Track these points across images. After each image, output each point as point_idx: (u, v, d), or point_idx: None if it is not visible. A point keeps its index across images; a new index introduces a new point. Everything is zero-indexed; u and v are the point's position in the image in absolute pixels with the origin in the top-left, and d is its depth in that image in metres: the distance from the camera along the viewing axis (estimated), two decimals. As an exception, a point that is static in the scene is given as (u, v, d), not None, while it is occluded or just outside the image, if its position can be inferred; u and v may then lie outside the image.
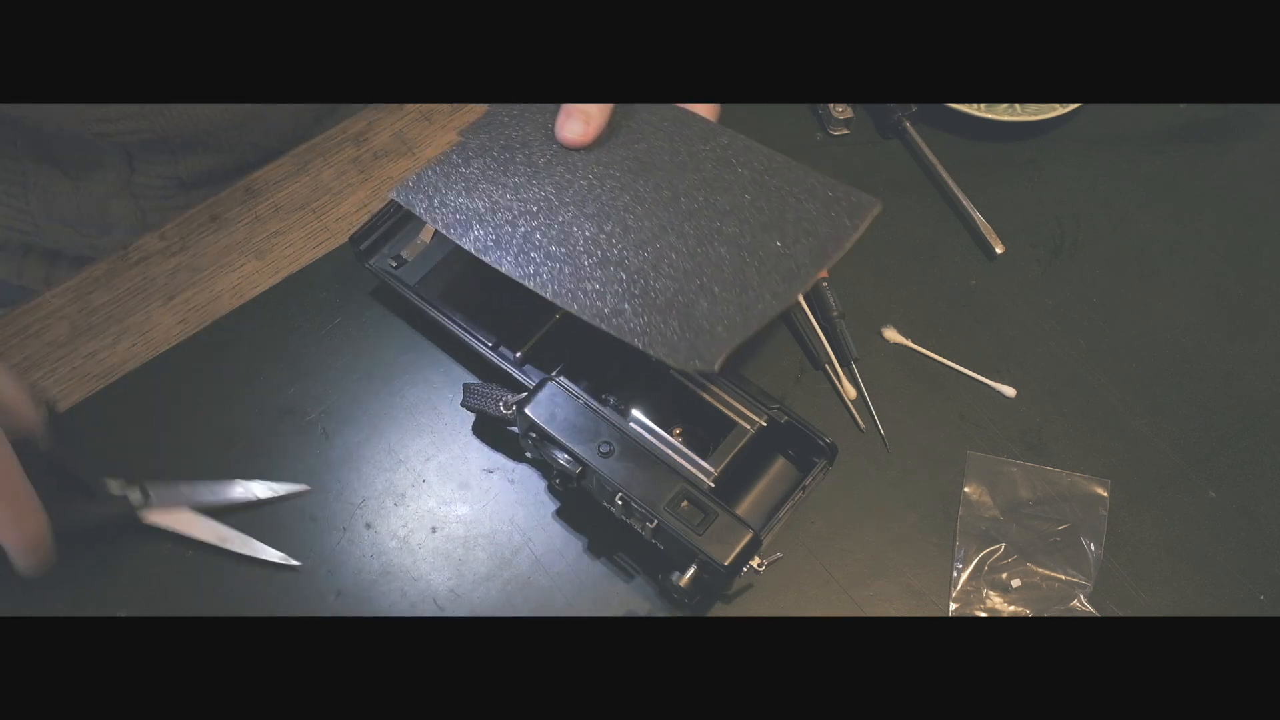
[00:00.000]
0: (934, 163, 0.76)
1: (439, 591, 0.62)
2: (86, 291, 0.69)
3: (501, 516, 0.64)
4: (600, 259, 0.57)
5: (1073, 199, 0.77)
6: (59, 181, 0.74)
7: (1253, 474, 0.69)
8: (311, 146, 0.74)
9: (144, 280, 0.70)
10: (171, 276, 0.70)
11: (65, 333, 0.68)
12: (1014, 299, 0.74)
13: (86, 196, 0.74)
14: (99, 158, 0.74)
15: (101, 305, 0.69)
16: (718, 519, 0.56)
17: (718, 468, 0.59)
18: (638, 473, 0.57)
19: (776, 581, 0.63)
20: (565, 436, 0.58)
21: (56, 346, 0.67)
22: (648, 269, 0.57)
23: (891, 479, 0.67)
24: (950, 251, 0.75)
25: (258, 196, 0.73)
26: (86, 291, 0.69)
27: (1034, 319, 0.73)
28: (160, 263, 0.70)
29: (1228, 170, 0.79)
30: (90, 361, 0.67)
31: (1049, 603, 0.64)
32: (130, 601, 0.61)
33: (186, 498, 0.62)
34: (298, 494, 0.63)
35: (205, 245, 0.71)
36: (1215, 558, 0.66)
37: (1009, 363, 0.71)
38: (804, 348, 0.70)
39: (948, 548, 0.65)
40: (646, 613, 0.62)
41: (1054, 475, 0.68)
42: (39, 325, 0.68)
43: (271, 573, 0.62)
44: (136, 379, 0.66)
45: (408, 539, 0.64)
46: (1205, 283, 0.75)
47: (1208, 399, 0.71)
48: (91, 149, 0.73)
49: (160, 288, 0.70)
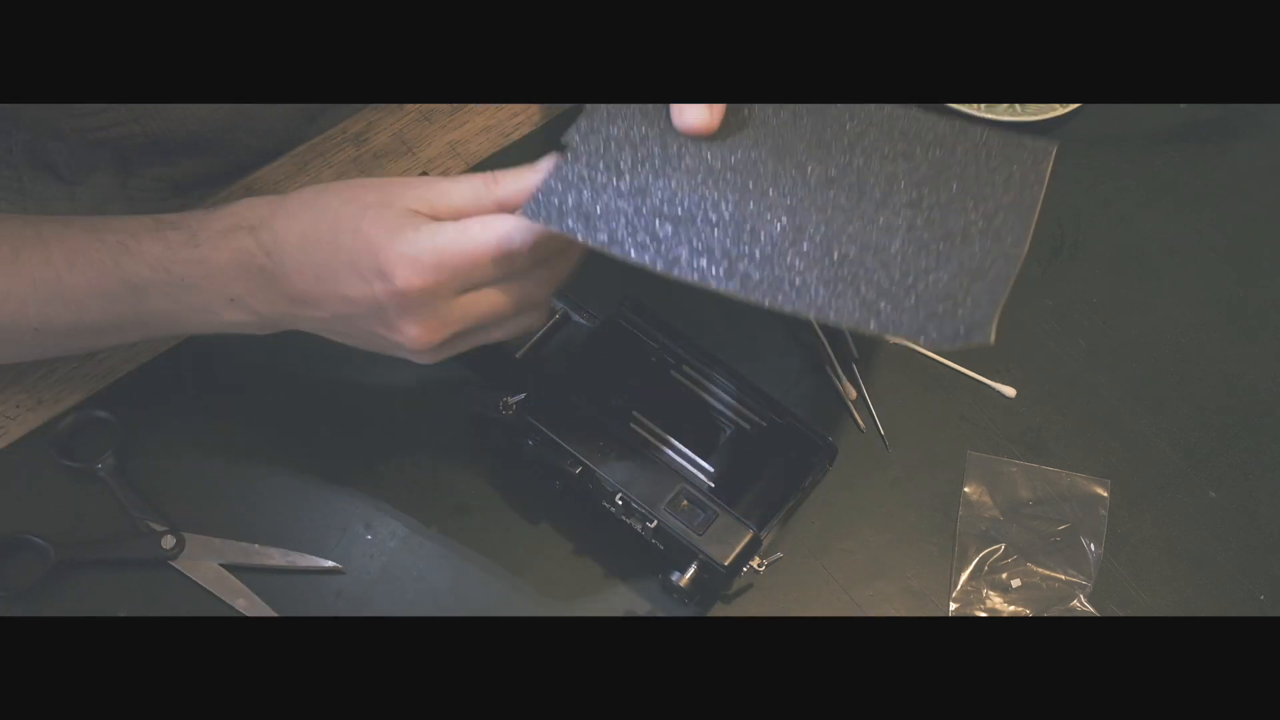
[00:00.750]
0: (934, 163, 0.76)
1: (439, 591, 0.62)
2: (86, 291, 0.69)
3: (501, 517, 0.64)
4: (804, 250, 0.54)
5: (1073, 199, 0.77)
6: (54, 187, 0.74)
7: (1253, 474, 0.69)
8: (311, 146, 0.74)
9: (144, 280, 0.70)
10: (171, 276, 0.70)
11: (65, 333, 0.68)
12: (1014, 299, 0.73)
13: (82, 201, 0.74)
14: (94, 162, 0.74)
15: (101, 305, 0.69)
16: (718, 519, 0.56)
17: (718, 468, 0.59)
18: (638, 473, 0.57)
19: (776, 581, 0.63)
20: (565, 437, 0.58)
21: (56, 346, 0.67)
22: (860, 252, 0.54)
23: (891, 479, 0.67)
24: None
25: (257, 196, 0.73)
26: (86, 291, 0.69)
27: (1034, 319, 0.73)
28: (160, 263, 0.70)
29: (1228, 170, 0.79)
30: (90, 361, 0.67)
31: (1049, 603, 0.64)
32: (130, 601, 0.61)
33: (219, 553, 0.62)
34: (329, 570, 0.63)
35: (205, 245, 0.71)
36: (1215, 558, 0.66)
37: (1009, 363, 0.71)
38: (804, 348, 0.70)
39: (948, 548, 0.65)
40: (646, 613, 0.62)
41: (1054, 475, 0.68)
42: (39, 325, 0.68)
43: (271, 573, 0.62)
44: (137, 379, 0.66)
45: (407, 539, 0.64)
46: (1205, 283, 0.75)
47: (1208, 399, 0.71)
48: (86, 154, 0.73)
49: (160, 288, 0.70)
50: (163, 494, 0.63)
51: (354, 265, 0.50)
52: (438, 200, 0.51)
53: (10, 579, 0.60)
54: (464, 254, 0.49)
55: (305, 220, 0.52)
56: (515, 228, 0.49)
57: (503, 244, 0.49)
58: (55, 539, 0.61)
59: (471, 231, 0.49)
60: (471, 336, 0.54)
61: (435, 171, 0.73)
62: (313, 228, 0.52)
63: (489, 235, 0.49)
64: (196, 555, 0.62)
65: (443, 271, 0.49)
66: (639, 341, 0.62)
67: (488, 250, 0.49)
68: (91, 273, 0.54)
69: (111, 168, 0.74)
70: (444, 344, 0.53)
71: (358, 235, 0.50)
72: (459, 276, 0.50)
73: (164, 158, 0.75)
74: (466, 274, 0.50)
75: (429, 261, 0.49)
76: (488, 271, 0.50)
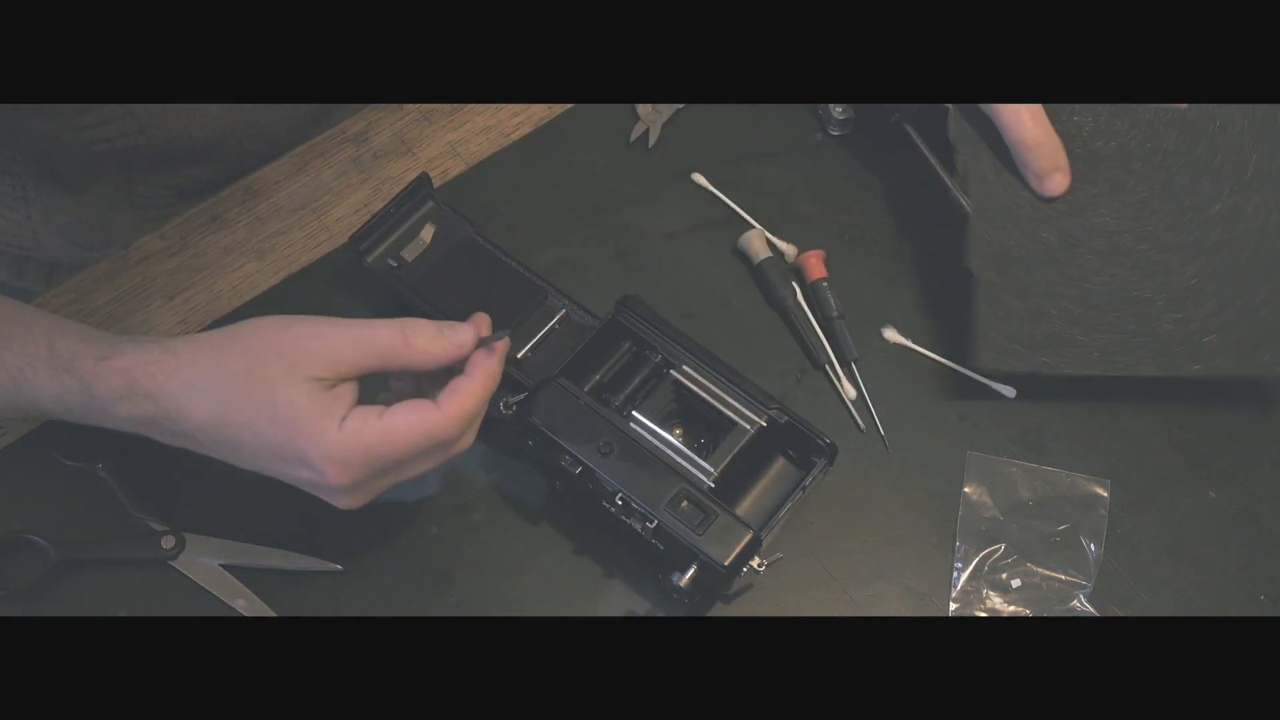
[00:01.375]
0: (934, 163, 0.76)
1: (439, 591, 0.62)
2: (87, 292, 0.69)
3: (501, 516, 0.64)
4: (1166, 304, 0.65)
5: (1073, 199, 0.77)
6: (59, 196, 0.74)
7: (1253, 474, 0.69)
8: (311, 146, 0.74)
9: (144, 280, 0.70)
10: (171, 276, 0.70)
11: (65, 333, 0.68)
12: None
13: (87, 209, 0.74)
14: (99, 171, 0.74)
15: (102, 305, 0.69)
16: (718, 519, 0.56)
17: (718, 468, 0.59)
18: (638, 473, 0.57)
19: (776, 581, 0.63)
20: (565, 437, 0.58)
21: (56, 346, 0.67)
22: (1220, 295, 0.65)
23: (891, 479, 0.67)
24: (950, 252, 0.74)
25: (258, 196, 0.73)
26: (87, 292, 0.69)
27: (1034, 319, 0.73)
28: (160, 263, 0.70)
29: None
30: (90, 361, 0.67)
31: (1049, 603, 0.64)
32: (130, 601, 0.61)
33: (219, 552, 0.62)
34: (329, 571, 0.63)
35: (205, 245, 0.71)
36: (1215, 558, 0.66)
37: (1009, 363, 0.71)
38: (804, 348, 0.70)
39: (948, 548, 0.65)
40: (646, 613, 0.62)
41: (1054, 475, 0.68)
42: (39, 325, 0.68)
43: (271, 573, 0.62)
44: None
45: (407, 539, 0.64)
46: (1205, 283, 0.75)
47: (1208, 399, 0.71)
48: (91, 163, 0.73)
49: (160, 288, 0.70)
50: (163, 494, 0.63)
51: (278, 454, 0.51)
52: (344, 361, 0.51)
53: (10, 579, 0.60)
54: (395, 450, 0.51)
55: (210, 397, 0.51)
56: (445, 418, 0.51)
57: (432, 434, 0.51)
58: (55, 539, 0.61)
59: (401, 428, 0.51)
60: (405, 477, 0.55)
61: (435, 172, 0.73)
62: (221, 409, 0.51)
63: (418, 429, 0.51)
64: (196, 555, 0.62)
65: (371, 466, 0.51)
66: (639, 341, 0.62)
67: (419, 442, 0.51)
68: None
69: (116, 176, 0.75)
70: (371, 498, 0.54)
71: (275, 425, 0.50)
72: (388, 466, 0.52)
73: (169, 165, 0.75)
74: (396, 463, 0.52)
75: (358, 461, 0.51)
76: (421, 453, 0.52)
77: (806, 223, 0.74)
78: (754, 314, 0.71)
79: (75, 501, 0.63)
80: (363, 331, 0.52)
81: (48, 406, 0.54)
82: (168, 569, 0.62)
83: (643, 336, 0.62)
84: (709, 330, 0.69)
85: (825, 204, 0.75)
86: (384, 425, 0.50)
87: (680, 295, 0.71)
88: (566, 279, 0.69)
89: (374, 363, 0.52)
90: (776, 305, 0.71)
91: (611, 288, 0.68)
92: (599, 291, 0.69)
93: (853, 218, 0.75)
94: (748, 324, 0.71)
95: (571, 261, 0.71)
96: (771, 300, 0.71)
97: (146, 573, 0.62)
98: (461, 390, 0.52)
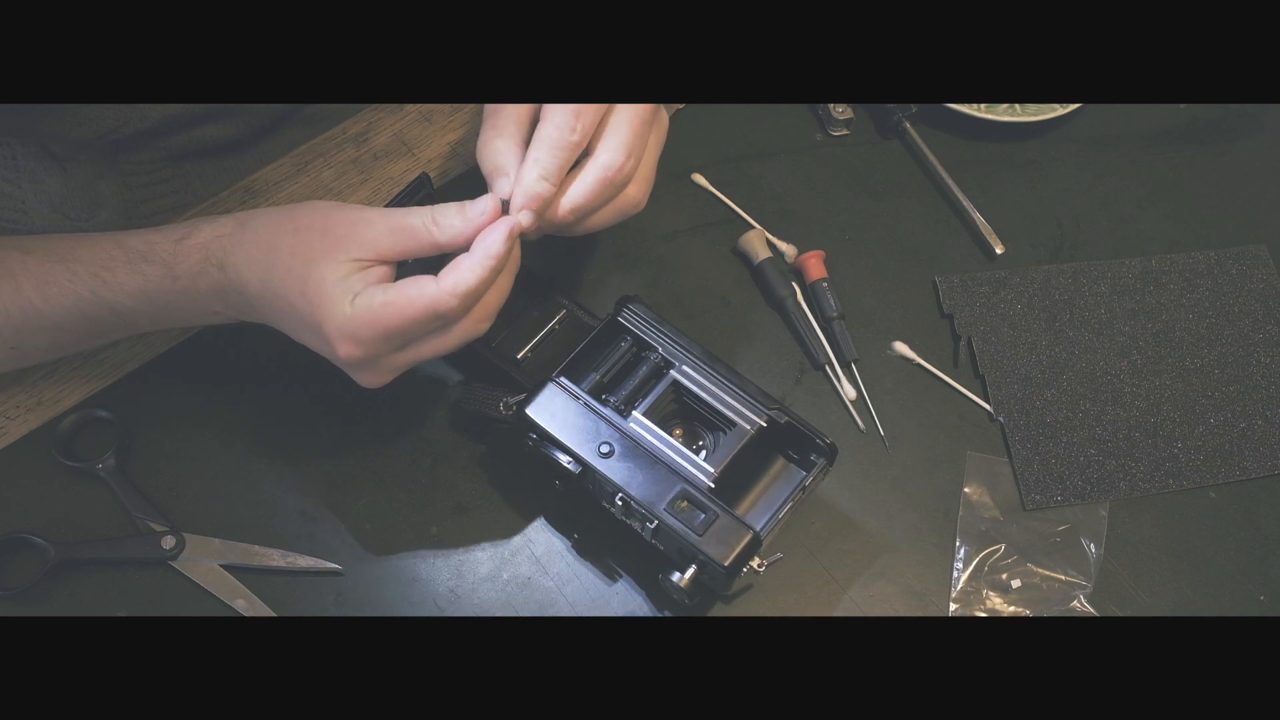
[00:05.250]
0: (934, 163, 0.76)
1: (439, 592, 0.62)
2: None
3: (501, 517, 0.64)
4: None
5: (1073, 199, 0.77)
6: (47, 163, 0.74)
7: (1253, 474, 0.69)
8: (311, 146, 0.74)
9: (144, 280, 0.70)
10: (171, 276, 0.70)
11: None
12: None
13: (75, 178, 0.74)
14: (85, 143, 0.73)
15: (101, 305, 0.69)
16: (718, 519, 0.56)
17: (718, 468, 0.59)
18: (638, 473, 0.57)
19: (776, 581, 0.63)
20: (565, 437, 0.58)
21: (56, 346, 0.67)
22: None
23: (891, 479, 0.67)
24: (950, 252, 0.75)
25: (258, 197, 0.73)
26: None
27: (1034, 319, 0.73)
28: (160, 263, 0.70)
29: (1228, 170, 0.79)
30: (90, 361, 0.67)
31: (1049, 603, 0.64)
32: (130, 601, 0.61)
33: (219, 552, 0.62)
34: (329, 571, 0.63)
35: (205, 245, 0.71)
36: (1215, 558, 0.66)
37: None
38: (804, 348, 0.70)
39: (948, 548, 0.65)
40: (646, 613, 0.62)
41: (1054, 475, 0.68)
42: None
43: (271, 573, 0.62)
44: (137, 379, 0.66)
45: (407, 539, 0.64)
46: (1205, 283, 0.75)
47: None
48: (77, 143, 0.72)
49: (160, 288, 0.69)
50: (163, 494, 0.63)
51: (303, 324, 0.56)
52: (381, 243, 0.55)
53: (10, 579, 0.60)
54: (395, 321, 0.54)
55: (260, 268, 0.56)
56: (440, 290, 0.53)
57: (430, 307, 0.54)
58: (55, 539, 0.61)
59: (400, 300, 0.54)
60: (419, 357, 0.57)
61: (435, 172, 0.73)
62: (267, 276, 0.56)
63: (417, 303, 0.54)
64: (196, 555, 0.62)
65: (378, 341, 0.54)
66: (639, 341, 0.62)
67: (418, 314, 0.54)
68: (68, 301, 0.57)
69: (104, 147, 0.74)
70: (391, 377, 0.58)
71: (304, 298, 0.55)
72: (394, 340, 0.55)
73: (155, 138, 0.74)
74: (401, 336, 0.55)
75: (365, 335, 0.54)
76: (423, 328, 0.55)
77: (806, 223, 0.74)
78: (754, 314, 0.71)
79: (75, 501, 0.63)
80: (398, 216, 0.56)
81: (128, 306, 0.58)
82: (168, 569, 0.62)
83: (643, 336, 0.62)
84: (709, 330, 0.69)
85: (825, 204, 0.75)
86: (386, 297, 0.54)
87: (680, 295, 0.71)
88: (566, 279, 0.69)
89: (409, 244, 0.55)
90: (776, 305, 0.71)
91: (611, 288, 0.68)
92: (599, 291, 0.69)
93: (853, 218, 0.75)
94: (748, 324, 0.71)
95: (571, 261, 0.72)
96: (771, 300, 0.71)
97: (146, 573, 0.62)
98: (460, 265, 0.54)
